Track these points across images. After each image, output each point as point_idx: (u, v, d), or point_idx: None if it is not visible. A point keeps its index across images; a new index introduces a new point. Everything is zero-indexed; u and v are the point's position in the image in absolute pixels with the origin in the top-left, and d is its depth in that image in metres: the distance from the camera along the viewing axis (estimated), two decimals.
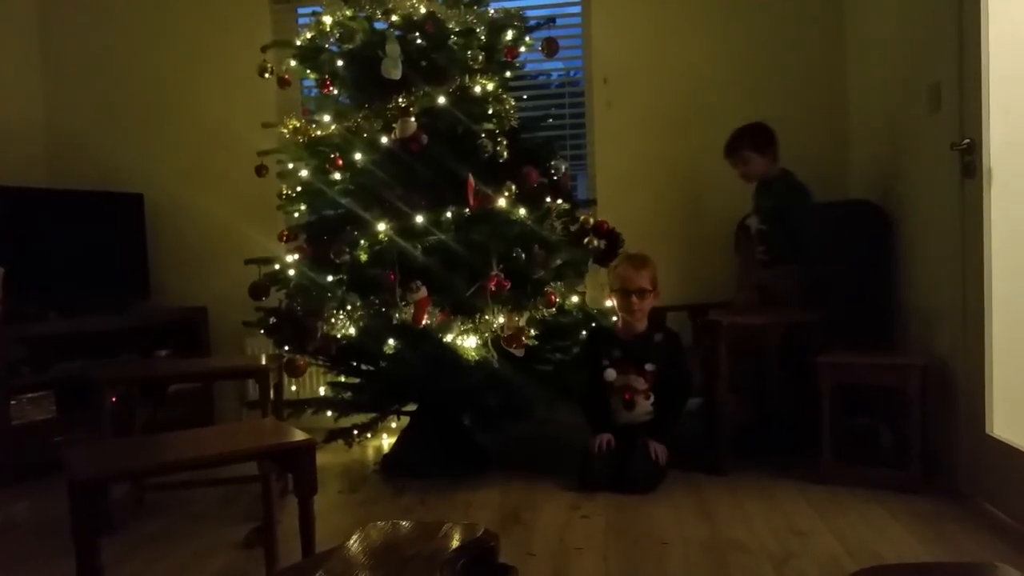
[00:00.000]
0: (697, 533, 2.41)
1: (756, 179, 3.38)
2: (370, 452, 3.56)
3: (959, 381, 2.62)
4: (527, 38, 3.24)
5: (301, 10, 4.14)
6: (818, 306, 3.10)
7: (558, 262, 3.09)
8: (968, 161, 2.52)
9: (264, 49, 3.26)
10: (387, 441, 3.65)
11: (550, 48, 3.16)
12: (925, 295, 2.93)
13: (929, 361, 2.77)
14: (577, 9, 3.99)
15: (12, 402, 3.26)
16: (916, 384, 2.69)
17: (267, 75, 3.19)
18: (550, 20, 3.36)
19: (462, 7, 3.16)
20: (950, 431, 2.69)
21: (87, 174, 4.15)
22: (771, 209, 3.30)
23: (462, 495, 2.87)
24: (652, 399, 3.00)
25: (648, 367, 3.00)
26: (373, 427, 3.33)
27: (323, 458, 3.30)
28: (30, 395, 3.36)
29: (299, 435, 1.87)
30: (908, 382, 2.71)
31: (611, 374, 3.01)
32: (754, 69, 3.82)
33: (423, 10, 3.06)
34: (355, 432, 3.26)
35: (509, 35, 3.18)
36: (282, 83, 3.21)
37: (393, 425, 3.66)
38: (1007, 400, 2.48)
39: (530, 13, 3.38)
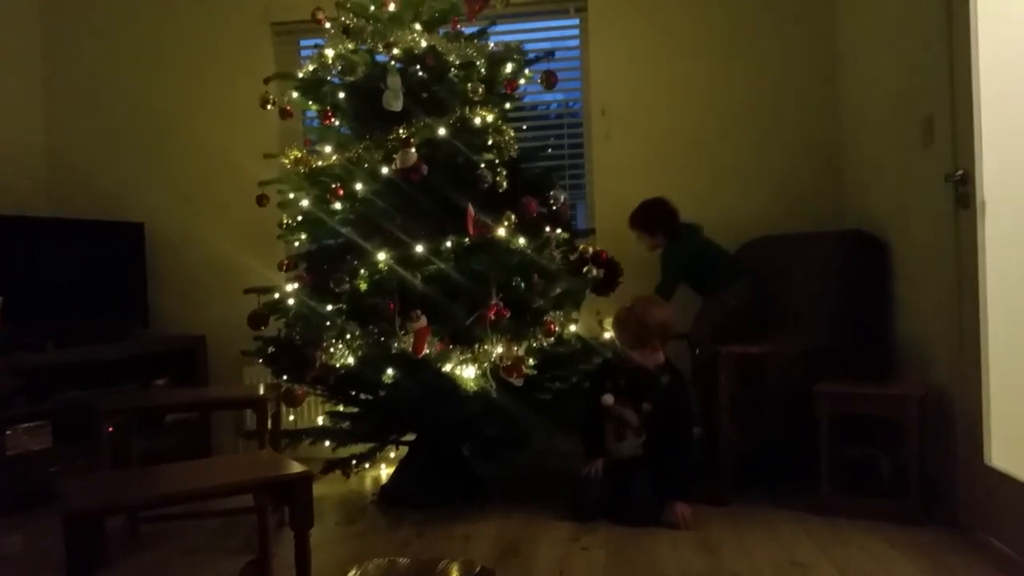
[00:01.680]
0: (698, 566, 2.39)
1: (652, 250, 3.66)
2: (368, 483, 3.54)
3: (957, 411, 2.62)
4: (526, 71, 3.29)
5: (304, 42, 4.19)
6: (816, 334, 3.11)
7: (557, 291, 3.10)
8: (962, 192, 2.54)
9: (267, 81, 3.30)
10: (385, 471, 3.64)
11: (549, 81, 3.20)
12: (922, 324, 2.93)
13: (927, 391, 2.77)
14: (576, 43, 4.05)
15: (8, 432, 3.25)
16: (914, 414, 2.69)
17: (269, 106, 3.22)
18: (549, 53, 3.41)
19: (462, 41, 3.20)
20: (949, 461, 2.68)
21: (89, 203, 4.18)
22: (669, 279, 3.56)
23: (460, 527, 2.85)
24: (644, 438, 2.97)
25: (645, 406, 2.96)
26: (371, 457, 3.31)
27: (320, 489, 3.30)
28: (26, 425, 3.34)
29: (296, 467, 1.87)
30: (906, 412, 2.70)
31: (609, 399, 2.99)
32: (750, 102, 3.87)
33: (424, 44, 3.10)
34: (353, 462, 3.25)
35: (509, 68, 3.23)
36: (284, 114, 3.24)
37: (391, 455, 3.65)
38: (1005, 430, 2.47)
39: (529, 47, 3.42)
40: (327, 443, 3.25)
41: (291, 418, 3.82)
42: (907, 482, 2.71)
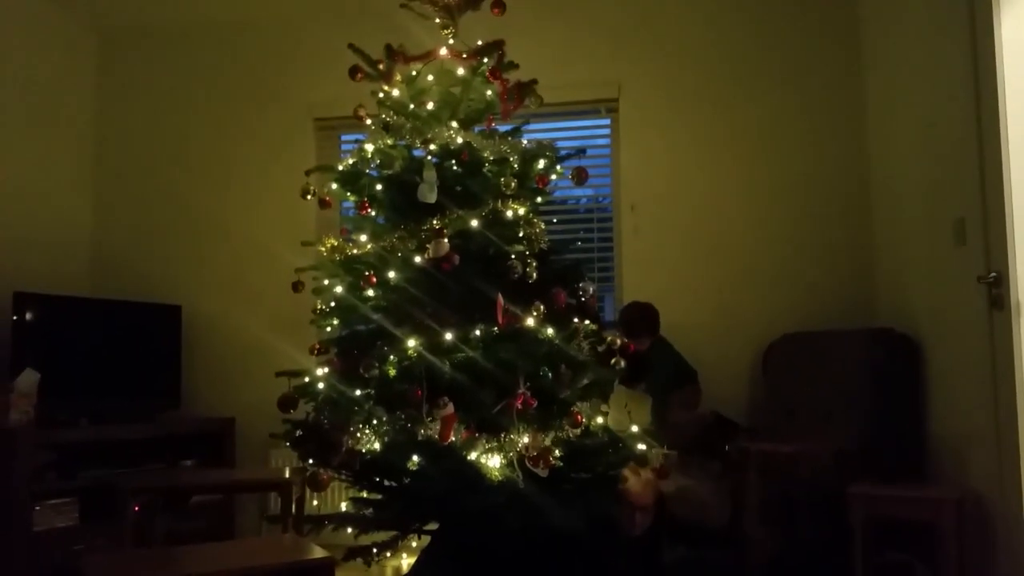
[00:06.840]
0: None
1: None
2: (389, 573, 3.48)
3: (997, 516, 2.54)
4: (558, 167, 3.38)
5: (344, 137, 4.38)
6: (849, 433, 3.06)
7: (584, 382, 3.09)
8: (996, 294, 2.54)
9: (308, 173, 3.44)
10: (407, 561, 3.57)
11: (580, 177, 3.28)
12: (957, 425, 2.88)
13: (964, 494, 2.69)
14: (606, 141, 4.18)
15: (36, 508, 3.27)
16: (951, 519, 2.61)
17: (309, 196, 3.34)
18: (580, 151, 3.52)
19: (497, 138, 3.32)
20: (989, 570, 2.58)
21: (129, 287, 4.32)
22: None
23: None
24: None
25: None
26: (393, 545, 3.26)
27: None
28: (54, 501, 3.37)
29: (318, 552, 1.86)
30: (942, 516, 2.62)
31: None
32: (779, 199, 3.93)
33: (460, 140, 3.21)
34: (375, 550, 3.20)
35: (541, 164, 3.33)
36: (323, 204, 3.36)
37: (414, 544, 3.59)
38: None
39: (562, 144, 3.53)
40: (349, 530, 3.22)
41: (315, 503, 3.80)
42: None
